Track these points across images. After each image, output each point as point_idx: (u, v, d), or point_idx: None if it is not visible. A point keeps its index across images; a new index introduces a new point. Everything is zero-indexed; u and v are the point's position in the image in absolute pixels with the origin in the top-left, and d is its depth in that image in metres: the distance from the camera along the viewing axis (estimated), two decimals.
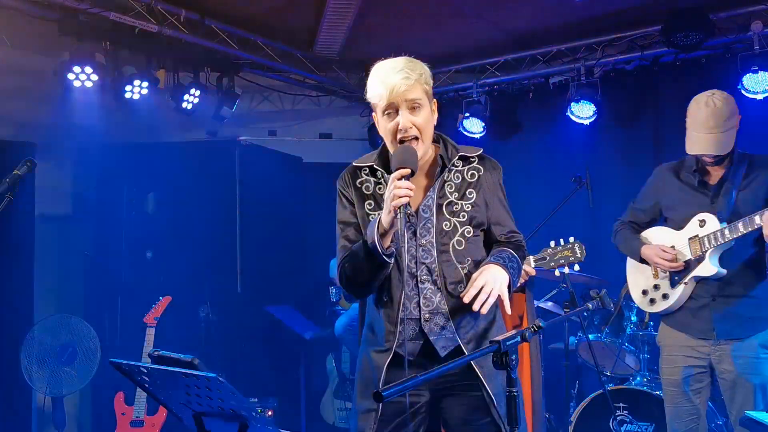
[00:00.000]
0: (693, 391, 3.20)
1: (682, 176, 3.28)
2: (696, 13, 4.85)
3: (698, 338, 3.16)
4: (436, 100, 2.36)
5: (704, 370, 3.18)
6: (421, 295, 2.28)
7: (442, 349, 2.28)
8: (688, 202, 3.21)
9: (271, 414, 5.22)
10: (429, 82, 2.30)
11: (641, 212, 3.44)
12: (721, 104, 3.06)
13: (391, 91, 2.22)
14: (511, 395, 1.89)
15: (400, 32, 5.60)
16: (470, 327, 2.31)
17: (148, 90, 5.28)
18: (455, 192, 2.33)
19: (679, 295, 3.20)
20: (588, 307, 2.23)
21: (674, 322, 3.26)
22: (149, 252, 5.60)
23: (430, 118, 2.29)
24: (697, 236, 3.14)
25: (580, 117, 5.57)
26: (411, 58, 2.33)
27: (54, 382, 4.90)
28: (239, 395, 1.89)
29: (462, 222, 2.31)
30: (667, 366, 3.28)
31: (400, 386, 1.75)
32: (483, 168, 2.38)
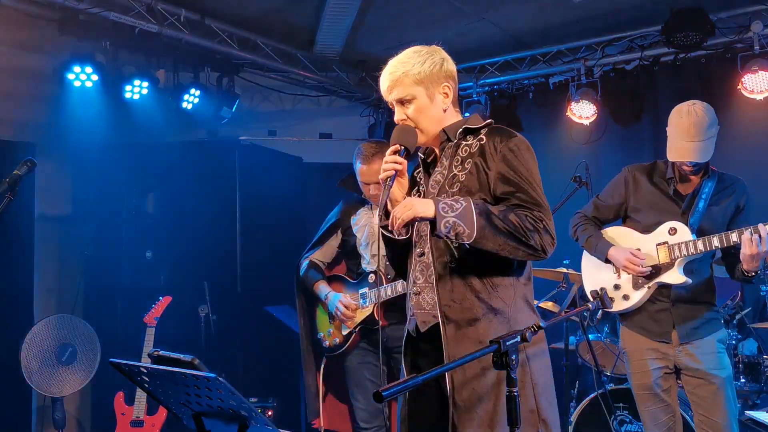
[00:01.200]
0: (664, 391, 3.25)
1: (655, 180, 3.32)
2: (696, 13, 4.86)
3: (658, 341, 3.21)
4: (448, 84, 2.33)
5: (670, 370, 3.23)
6: (416, 269, 2.34)
7: (422, 325, 2.30)
8: (659, 207, 3.25)
9: (271, 414, 5.22)
10: (428, 69, 2.29)
11: (606, 209, 3.45)
12: (702, 113, 3.12)
13: (383, 91, 2.35)
14: (511, 395, 1.89)
15: (400, 32, 5.60)
16: (456, 305, 2.23)
17: (148, 90, 5.29)
18: (459, 165, 2.32)
19: (640, 297, 3.24)
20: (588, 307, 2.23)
21: (633, 325, 3.30)
22: (149, 252, 5.60)
23: (425, 107, 2.31)
24: (666, 243, 3.17)
25: (580, 117, 5.57)
26: (420, 46, 2.35)
27: (54, 382, 4.90)
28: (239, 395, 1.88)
29: (454, 192, 2.26)
30: (637, 371, 3.30)
31: (400, 386, 1.75)
32: (487, 138, 2.30)
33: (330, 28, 5.56)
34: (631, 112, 5.62)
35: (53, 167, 5.61)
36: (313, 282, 3.86)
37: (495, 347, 1.86)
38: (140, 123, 5.61)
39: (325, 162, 6.59)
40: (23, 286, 5.25)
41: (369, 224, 3.71)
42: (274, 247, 6.00)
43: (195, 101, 5.62)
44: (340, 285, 3.85)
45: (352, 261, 3.84)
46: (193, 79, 5.63)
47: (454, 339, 2.23)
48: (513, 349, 1.87)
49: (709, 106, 3.18)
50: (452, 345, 2.22)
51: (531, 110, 6.15)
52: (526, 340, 1.91)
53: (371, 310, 3.66)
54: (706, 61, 5.26)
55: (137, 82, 5.23)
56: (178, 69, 5.59)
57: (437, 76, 2.31)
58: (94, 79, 5.04)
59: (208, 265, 5.53)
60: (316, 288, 3.84)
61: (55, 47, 5.12)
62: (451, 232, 2.12)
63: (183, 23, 5.14)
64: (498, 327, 2.22)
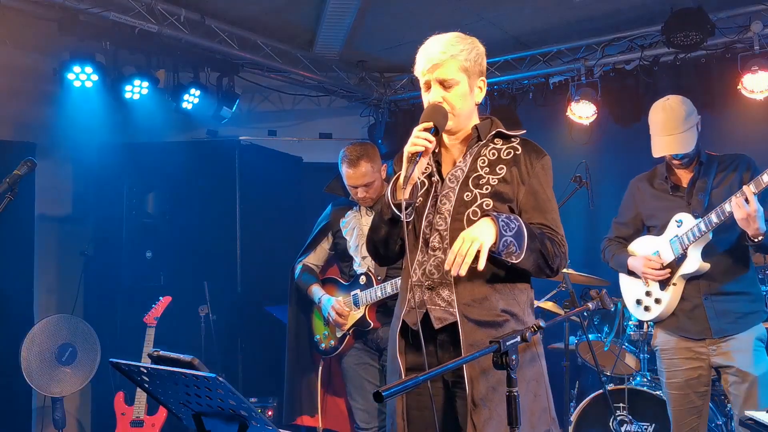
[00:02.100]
0: (696, 393, 3.21)
1: (656, 184, 3.36)
2: (696, 13, 4.85)
3: (695, 339, 3.18)
4: (484, 79, 2.33)
5: (705, 371, 3.19)
6: (430, 262, 2.26)
7: (437, 321, 2.22)
8: (666, 207, 3.27)
9: (271, 414, 5.22)
10: (473, 60, 2.27)
11: (624, 226, 3.51)
12: (677, 106, 3.18)
13: (424, 67, 2.27)
14: (511, 395, 1.89)
15: (400, 32, 5.60)
16: (477, 306, 2.21)
17: (148, 90, 5.29)
18: (486, 167, 2.29)
19: (670, 296, 3.22)
20: (588, 307, 2.23)
21: (669, 326, 3.28)
22: (149, 252, 5.60)
23: (466, 95, 2.28)
24: (676, 236, 3.19)
25: (580, 117, 5.57)
26: (463, 34, 2.32)
27: (54, 382, 4.90)
28: (239, 395, 1.88)
29: (483, 194, 2.24)
30: (668, 369, 3.29)
31: (400, 386, 1.75)
32: (522, 149, 2.32)
33: (330, 28, 5.56)
34: (631, 112, 5.62)
35: (53, 167, 5.61)
36: (307, 286, 3.92)
37: (495, 347, 1.86)
38: (140, 123, 5.61)
39: (325, 162, 6.57)
40: (23, 286, 5.25)
41: (358, 226, 3.74)
42: (274, 247, 6.00)
43: (195, 101, 5.61)
44: (333, 287, 3.89)
45: (343, 263, 3.90)
46: (193, 79, 5.63)
47: (476, 339, 2.18)
48: (513, 349, 1.87)
49: (684, 98, 3.23)
50: (472, 348, 2.16)
51: (531, 110, 6.14)
52: (526, 340, 1.92)
53: (363, 312, 3.70)
54: (706, 61, 5.25)
55: (137, 82, 5.22)
56: (178, 69, 5.59)
57: (477, 69, 2.30)
58: (94, 79, 5.04)
59: (208, 265, 5.53)
60: (310, 291, 3.89)
61: (55, 47, 5.12)
62: (504, 251, 2.13)
63: (183, 23, 5.14)
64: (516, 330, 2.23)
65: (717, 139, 5.36)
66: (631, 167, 5.64)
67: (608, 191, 5.58)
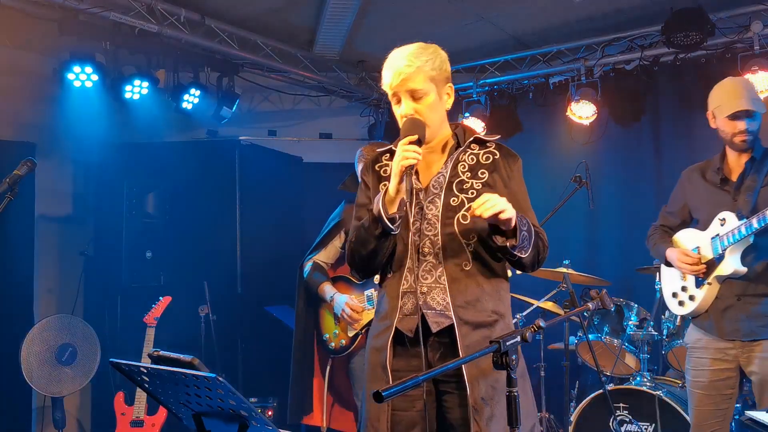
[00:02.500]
0: (722, 395, 3.16)
1: (708, 176, 3.29)
2: (696, 13, 4.85)
3: (726, 340, 3.13)
4: (451, 85, 2.37)
5: (733, 373, 3.14)
6: (422, 268, 2.29)
7: (435, 325, 2.25)
8: (712, 201, 3.21)
9: (271, 414, 5.22)
10: (438, 68, 2.30)
11: (671, 215, 3.45)
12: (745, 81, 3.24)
13: (392, 81, 2.29)
14: (511, 395, 1.89)
15: (400, 32, 5.59)
16: (470, 308, 2.26)
17: (148, 90, 5.29)
18: (468, 171, 2.34)
19: (704, 295, 3.17)
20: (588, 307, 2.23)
21: (702, 323, 3.23)
22: (149, 252, 5.60)
23: (435, 104, 2.31)
24: (718, 235, 3.13)
25: (580, 117, 5.57)
26: (424, 43, 2.34)
27: (54, 382, 4.90)
28: (239, 395, 1.88)
29: (470, 198, 2.28)
30: (695, 368, 3.24)
31: (400, 386, 1.74)
32: (499, 153, 2.39)
33: (330, 28, 5.56)
34: (631, 112, 5.63)
35: (53, 167, 5.61)
36: (318, 283, 3.86)
37: (495, 347, 1.86)
38: (140, 123, 5.61)
39: (325, 162, 6.59)
40: (23, 286, 5.25)
41: None
42: (274, 247, 6.00)
43: (195, 101, 5.61)
44: (344, 286, 3.85)
45: None
46: (193, 79, 5.63)
47: (472, 340, 2.24)
48: (513, 349, 1.88)
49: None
50: (471, 347, 2.21)
51: (531, 110, 6.15)
52: (526, 340, 1.91)
53: None
54: (706, 61, 5.25)
55: (137, 82, 5.22)
56: (178, 69, 5.59)
57: (443, 77, 2.33)
58: (94, 79, 5.04)
59: (208, 265, 5.53)
60: (321, 290, 3.84)
61: (55, 47, 5.12)
62: (517, 246, 2.19)
63: (183, 23, 5.14)
64: (505, 329, 2.30)
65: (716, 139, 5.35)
66: (631, 167, 5.68)
67: (608, 191, 5.59)
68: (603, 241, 5.72)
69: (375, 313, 2.46)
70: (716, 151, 3.38)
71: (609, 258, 5.66)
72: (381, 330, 2.35)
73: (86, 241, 5.78)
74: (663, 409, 3.97)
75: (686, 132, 5.36)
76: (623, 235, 5.62)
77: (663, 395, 3.97)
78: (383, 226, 2.22)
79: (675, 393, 4.10)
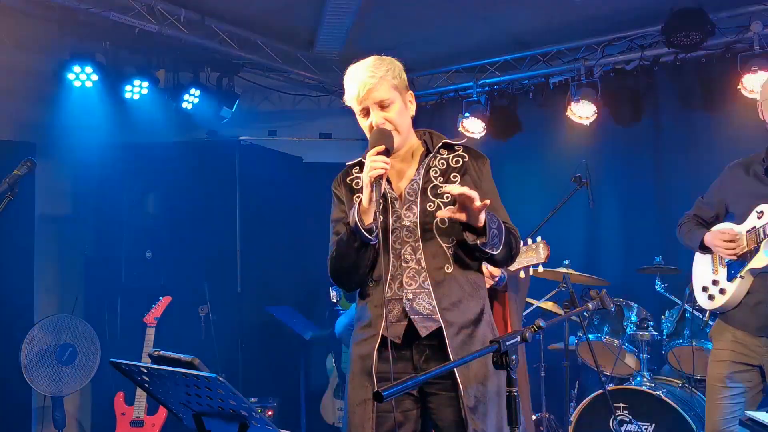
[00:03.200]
0: (739, 392, 3.10)
1: (751, 170, 3.20)
2: (696, 13, 4.85)
3: (755, 335, 3.07)
4: (411, 92, 2.44)
5: (754, 367, 3.08)
6: (405, 274, 2.32)
7: (423, 329, 2.28)
8: (751, 193, 3.14)
9: (271, 414, 5.22)
10: (399, 76, 2.38)
11: (707, 206, 3.37)
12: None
13: (358, 94, 2.35)
14: (511, 395, 1.89)
15: (400, 32, 5.60)
16: (455, 309, 2.30)
17: (148, 90, 5.29)
18: (440, 176, 2.39)
19: (736, 289, 3.11)
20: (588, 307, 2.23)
21: (731, 318, 3.16)
22: (149, 252, 5.60)
23: (403, 111, 2.37)
24: (754, 227, 3.07)
25: (580, 117, 5.57)
26: (380, 56, 2.42)
27: (54, 382, 4.90)
28: (239, 395, 1.88)
29: (446, 202, 2.32)
30: (714, 359, 3.19)
31: (400, 386, 1.75)
32: (468, 156, 2.44)
33: (330, 28, 5.56)
34: (631, 112, 5.62)
35: (53, 167, 5.61)
36: None
37: (495, 347, 1.86)
38: (140, 123, 5.61)
39: (325, 162, 6.58)
40: (23, 286, 5.25)
41: None
42: (274, 247, 6.01)
43: (195, 101, 5.62)
44: None
45: None
46: (193, 79, 5.63)
47: (458, 341, 2.28)
48: (513, 349, 1.87)
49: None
50: (458, 347, 2.26)
51: (531, 110, 6.14)
52: (526, 340, 1.91)
53: None
54: (706, 61, 5.25)
55: (137, 82, 5.23)
56: (178, 69, 5.59)
57: (404, 85, 2.40)
58: (94, 79, 5.04)
59: (208, 265, 5.54)
60: None
61: (55, 47, 5.12)
62: (488, 243, 2.23)
63: (183, 23, 5.14)
64: (486, 327, 2.35)
65: (716, 139, 5.36)
66: (631, 167, 5.68)
67: (608, 191, 5.59)
68: (603, 241, 5.72)
69: (356, 321, 2.47)
70: (716, 151, 3.37)
71: (609, 258, 5.66)
72: (365, 338, 2.37)
73: (86, 241, 5.78)
74: (663, 409, 3.97)
75: (686, 132, 5.36)
76: (623, 235, 5.62)
77: (663, 395, 3.97)
78: (361, 237, 2.26)
79: (675, 393, 4.10)
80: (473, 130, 6.00)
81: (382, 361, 2.31)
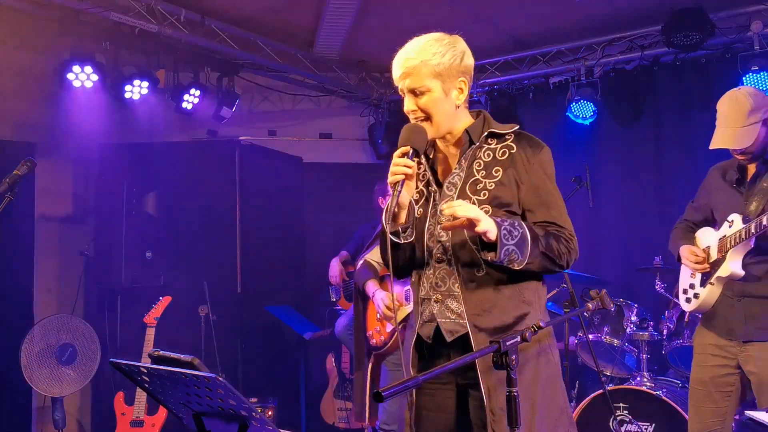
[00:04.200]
0: (721, 393, 3.15)
1: (727, 176, 3.25)
2: (696, 13, 4.85)
3: (728, 339, 3.13)
4: (465, 80, 2.21)
5: (733, 371, 3.13)
6: (436, 275, 2.23)
7: (448, 334, 2.19)
8: (727, 202, 3.19)
9: (271, 414, 5.22)
10: (448, 62, 2.15)
11: (695, 210, 3.43)
12: (743, 99, 3.06)
13: (395, 74, 2.21)
14: (511, 395, 1.88)
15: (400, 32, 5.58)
16: (486, 315, 2.17)
17: (148, 90, 5.29)
18: (482, 170, 2.21)
19: (707, 294, 3.18)
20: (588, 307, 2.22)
21: (706, 321, 3.25)
22: (149, 252, 5.60)
23: (440, 101, 2.17)
24: (725, 236, 3.12)
25: (580, 117, 5.57)
26: (444, 34, 2.21)
27: (54, 382, 4.90)
28: (239, 395, 1.88)
29: (482, 200, 2.16)
30: (696, 364, 3.25)
31: (401, 386, 1.74)
32: (517, 146, 2.23)
33: (330, 28, 5.56)
34: (631, 112, 5.62)
35: (53, 167, 5.61)
36: (364, 281, 3.90)
37: (495, 347, 1.85)
38: (140, 123, 5.61)
39: (325, 162, 6.59)
40: (23, 286, 5.25)
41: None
42: (274, 247, 6.00)
43: (195, 101, 5.61)
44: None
45: None
46: (193, 79, 5.63)
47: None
48: (513, 349, 1.87)
49: (756, 92, 3.10)
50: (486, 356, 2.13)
51: (531, 110, 6.14)
52: (526, 340, 1.90)
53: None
54: (706, 61, 5.25)
55: (137, 82, 5.22)
56: (178, 69, 5.59)
57: (456, 70, 2.17)
58: (94, 79, 5.04)
59: (208, 265, 5.53)
60: (365, 287, 3.88)
61: (55, 47, 5.12)
62: (505, 259, 2.08)
63: (183, 23, 5.14)
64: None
65: None
66: (631, 167, 5.68)
67: (608, 191, 5.59)
68: (603, 241, 5.72)
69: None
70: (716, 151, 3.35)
71: (609, 258, 5.66)
72: (409, 334, 2.36)
73: (86, 241, 5.78)
74: (663, 409, 3.97)
75: (686, 132, 5.36)
76: (623, 235, 5.62)
77: (663, 395, 3.97)
78: (389, 240, 2.14)
79: (675, 393, 4.10)
80: None
81: (421, 360, 2.29)
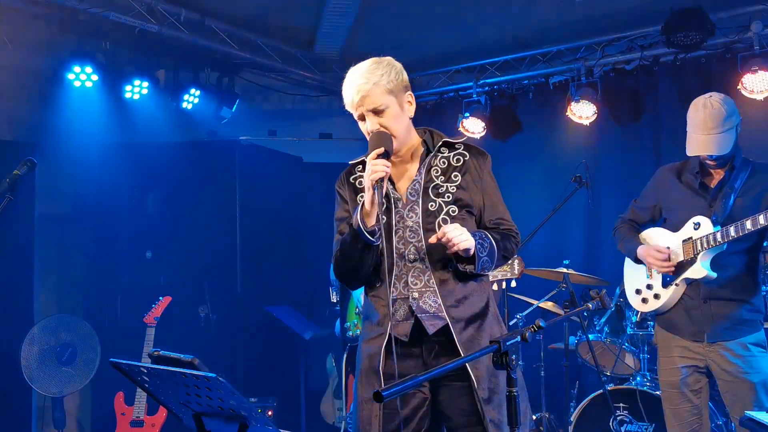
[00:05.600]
0: (692, 392, 3.20)
1: (684, 178, 3.29)
2: (696, 13, 4.85)
3: (694, 341, 3.17)
4: (411, 93, 2.44)
5: (701, 369, 3.18)
6: (410, 274, 2.36)
7: (431, 327, 2.33)
8: (687, 204, 3.22)
9: (271, 414, 5.22)
10: (394, 80, 2.37)
11: (641, 211, 3.46)
12: (718, 105, 3.10)
13: (353, 99, 2.38)
14: (511, 395, 1.89)
15: (400, 32, 5.60)
16: (461, 306, 2.35)
17: (148, 90, 5.29)
18: (441, 175, 2.42)
19: (671, 295, 3.22)
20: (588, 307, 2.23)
21: (666, 323, 3.28)
22: (149, 252, 5.60)
23: (398, 115, 2.38)
24: (690, 238, 3.15)
25: (580, 117, 5.57)
26: (377, 59, 2.44)
27: (54, 382, 4.90)
28: (239, 395, 1.89)
29: (447, 201, 2.38)
30: (664, 367, 3.28)
31: (400, 386, 1.75)
32: (469, 154, 2.47)
33: (330, 28, 5.56)
34: (631, 112, 5.62)
35: (53, 167, 5.61)
36: None
37: (495, 347, 1.86)
38: (140, 123, 5.61)
39: (325, 162, 6.58)
40: (23, 286, 5.25)
41: None
42: (274, 247, 6.01)
43: (195, 101, 5.61)
44: None
45: None
46: (193, 79, 5.63)
47: (466, 336, 2.33)
48: (513, 349, 1.88)
49: (727, 98, 3.15)
50: (467, 342, 2.32)
51: (531, 110, 6.14)
52: (526, 340, 1.91)
53: None
54: (706, 61, 5.26)
55: (137, 82, 5.23)
56: (178, 69, 5.59)
57: (402, 86, 2.40)
58: (94, 79, 5.04)
59: (208, 265, 5.54)
60: None
61: (55, 47, 5.12)
62: (480, 269, 2.32)
63: (183, 23, 5.14)
64: (492, 319, 2.42)
65: None
66: (631, 167, 5.67)
67: (608, 191, 5.58)
68: (603, 241, 5.72)
69: (364, 319, 2.52)
70: None
71: (609, 258, 5.65)
72: (373, 336, 2.41)
73: (86, 241, 5.78)
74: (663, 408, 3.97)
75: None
76: None
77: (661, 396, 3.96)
78: (364, 239, 2.29)
79: None
80: (473, 130, 6.00)
81: (389, 359, 2.33)
